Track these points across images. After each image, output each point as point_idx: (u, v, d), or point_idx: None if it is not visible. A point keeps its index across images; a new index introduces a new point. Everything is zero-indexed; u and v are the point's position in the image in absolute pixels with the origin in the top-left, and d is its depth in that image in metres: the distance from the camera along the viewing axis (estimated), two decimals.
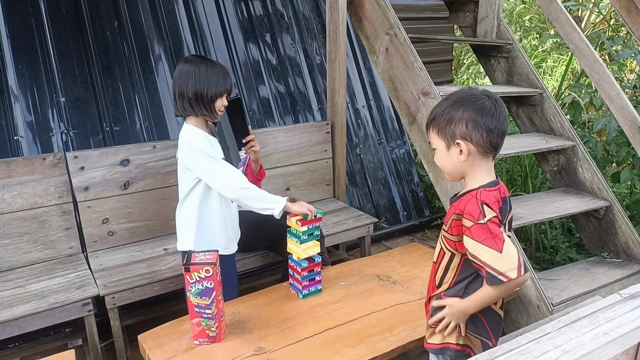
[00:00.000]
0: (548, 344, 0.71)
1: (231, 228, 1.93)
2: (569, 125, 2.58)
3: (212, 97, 1.76)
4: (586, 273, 2.22)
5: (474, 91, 1.25)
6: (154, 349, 1.58)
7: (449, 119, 1.22)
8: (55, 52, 2.65)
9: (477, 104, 1.20)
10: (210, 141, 1.81)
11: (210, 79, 1.75)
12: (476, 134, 1.19)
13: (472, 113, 1.19)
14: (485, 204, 1.17)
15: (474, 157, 1.21)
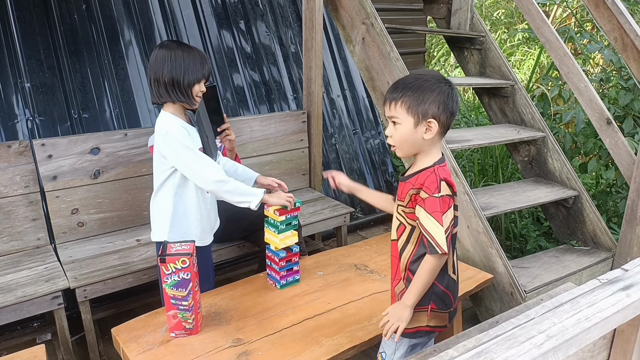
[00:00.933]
0: (533, 329, 0.72)
1: (207, 219, 1.88)
2: (539, 117, 2.65)
3: (189, 82, 1.70)
4: (556, 261, 2.29)
5: (437, 76, 1.33)
6: (129, 342, 1.54)
7: (423, 99, 1.28)
8: (20, 34, 2.53)
9: (445, 88, 1.29)
10: (188, 130, 1.74)
11: (187, 65, 1.69)
12: (444, 115, 1.28)
13: (443, 96, 1.28)
14: (443, 180, 1.28)
15: (434, 137, 1.30)
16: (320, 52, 2.77)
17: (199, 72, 1.72)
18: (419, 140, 1.29)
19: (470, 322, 2.20)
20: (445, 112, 1.28)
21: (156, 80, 1.71)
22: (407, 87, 1.29)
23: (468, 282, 1.93)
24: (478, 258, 2.15)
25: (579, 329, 0.72)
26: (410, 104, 1.27)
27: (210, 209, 1.90)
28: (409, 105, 1.28)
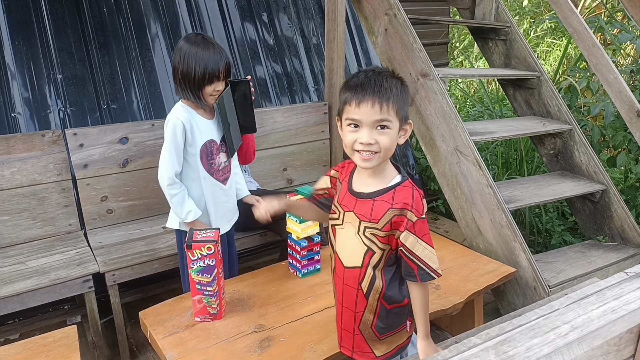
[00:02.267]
0: (557, 320, 0.72)
1: (215, 209, 1.87)
2: (566, 109, 2.60)
3: (199, 81, 1.69)
4: (582, 256, 2.26)
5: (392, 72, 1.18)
6: (156, 326, 1.59)
7: (406, 99, 1.14)
8: (52, 28, 2.60)
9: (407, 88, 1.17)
10: (193, 125, 1.74)
11: (198, 62, 1.67)
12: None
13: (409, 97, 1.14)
14: (423, 197, 1.16)
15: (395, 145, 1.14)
16: (342, 43, 2.77)
17: (210, 72, 1.69)
18: (393, 148, 1.14)
19: (491, 315, 2.20)
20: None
21: (173, 73, 1.74)
22: (390, 85, 1.11)
23: (490, 275, 1.92)
24: (501, 252, 2.14)
25: (604, 320, 0.72)
26: (398, 105, 1.10)
27: (224, 201, 1.90)
28: (397, 106, 1.11)
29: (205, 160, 1.79)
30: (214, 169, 1.82)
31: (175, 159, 1.73)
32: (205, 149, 1.78)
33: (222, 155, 1.86)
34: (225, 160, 1.87)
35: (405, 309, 1.26)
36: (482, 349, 0.68)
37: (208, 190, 1.83)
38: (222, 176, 1.87)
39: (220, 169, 1.85)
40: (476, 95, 5.58)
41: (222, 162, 1.86)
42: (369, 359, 1.29)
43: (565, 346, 0.68)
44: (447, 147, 2.29)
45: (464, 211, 2.31)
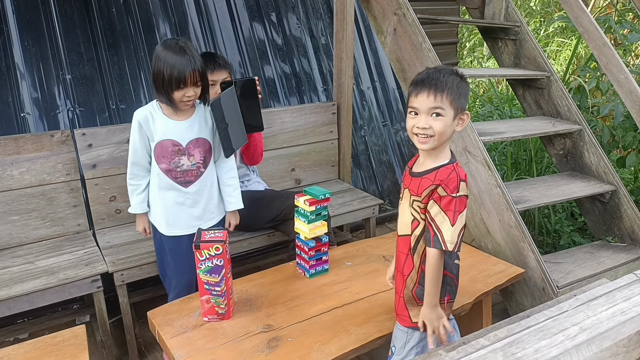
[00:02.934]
0: (566, 322, 0.72)
1: (167, 210, 1.86)
2: (576, 109, 2.58)
3: (167, 85, 1.70)
4: (591, 257, 2.24)
5: (455, 70, 1.36)
6: (164, 325, 1.60)
7: (462, 93, 1.31)
8: (61, 28, 2.62)
9: (467, 84, 1.34)
10: (150, 122, 1.78)
11: (166, 66, 1.68)
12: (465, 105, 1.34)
13: (469, 92, 1.34)
14: (463, 180, 1.30)
15: (451, 132, 1.33)
16: (351, 43, 2.76)
17: (177, 78, 1.68)
18: (450, 134, 1.32)
19: (500, 316, 2.18)
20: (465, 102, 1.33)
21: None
22: (446, 80, 1.30)
23: (499, 276, 1.91)
24: (509, 252, 2.12)
25: (613, 322, 0.71)
26: (453, 96, 1.29)
27: (182, 204, 1.86)
28: (452, 97, 1.29)
29: (160, 157, 1.80)
30: (170, 169, 1.81)
31: (132, 152, 1.82)
32: (161, 147, 1.79)
33: (185, 158, 1.82)
34: (192, 164, 1.83)
35: (442, 281, 1.37)
36: (490, 351, 0.67)
37: (159, 189, 1.84)
38: (181, 178, 1.83)
39: (179, 171, 1.82)
40: (485, 95, 5.55)
41: (184, 164, 1.82)
42: (405, 322, 1.43)
43: (574, 348, 0.67)
44: (456, 148, 2.28)
45: (473, 211, 2.29)
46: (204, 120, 1.86)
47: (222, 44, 3.09)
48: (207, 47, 3.03)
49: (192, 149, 1.82)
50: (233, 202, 1.95)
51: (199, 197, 1.88)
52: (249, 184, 2.36)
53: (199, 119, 1.84)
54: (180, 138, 1.80)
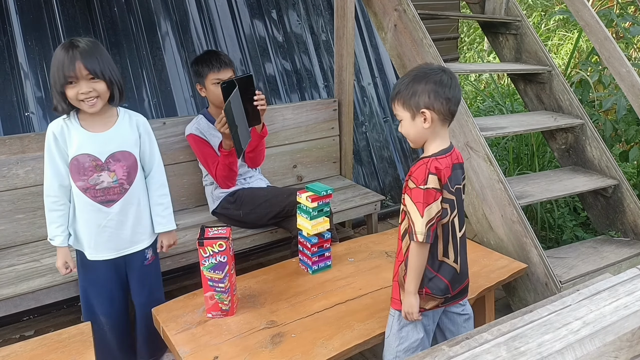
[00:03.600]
0: (569, 316, 0.72)
1: (91, 232, 1.67)
2: (577, 103, 2.57)
3: (59, 84, 1.53)
4: (594, 251, 2.24)
5: (431, 66, 1.42)
6: (168, 322, 1.61)
7: (413, 92, 1.36)
8: (64, 28, 2.63)
9: (436, 77, 1.35)
10: (65, 134, 1.59)
11: (54, 64, 1.53)
12: (437, 103, 1.34)
13: (432, 85, 1.34)
14: (432, 173, 1.34)
15: (435, 124, 1.37)
16: (351, 40, 2.76)
17: (65, 74, 1.52)
18: (422, 131, 1.38)
19: (502, 311, 2.18)
20: (439, 99, 1.34)
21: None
22: (400, 84, 1.39)
23: (501, 271, 1.91)
24: (512, 247, 2.13)
25: (617, 316, 0.71)
26: (403, 99, 1.38)
27: (107, 225, 1.67)
28: (402, 100, 1.38)
29: (77, 175, 1.61)
30: (88, 187, 1.62)
31: (52, 169, 1.61)
32: (77, 163, 1.60)
33: (105, 174, 1.62)
34: (113, 181, 1.64)
35: (423, 274, 1.42)
36: (493, 345, 0.68)
37: (80, 209, 1.65)
38: (102, 197, 1.64)
39: (98, 188, 1.63)
40: (487, 90, 5.53)
41: (104, 181, 1.63)
42: (396, 304, 1.49)
43: (577, 342, 0.68)
44: (458, 143, 2.28)
45: (475, 207, 2.30)
46: (127, 130, 1.66)
47: (223, 42, 3.09)
48: (208, 44, 3.04)
49: (112, 164, 1.63)
50: (163, 222, 1.77)
51: (124, 217, 1.68)
52: (251, 181, 2.37)
53: (121, 129, 1.64)
54: (98, 152, 1.61)
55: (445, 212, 1.38)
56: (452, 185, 1.39)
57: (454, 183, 1.40)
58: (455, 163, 1.41)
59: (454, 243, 1.43)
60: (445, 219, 1.39)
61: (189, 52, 2.95)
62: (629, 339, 0.79)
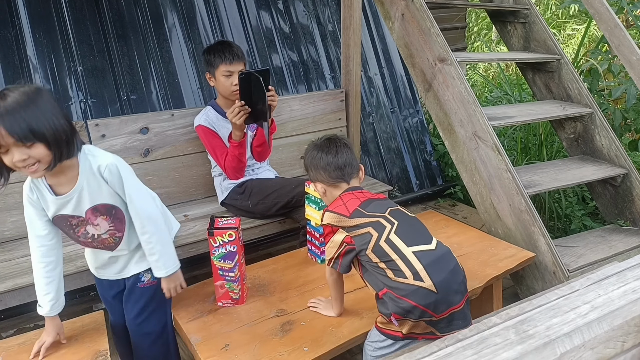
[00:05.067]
0: (577, 300, 0.73)
1: (105, 262, 1.58)
2: (586, 92, 2.56)
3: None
4: (602, 240, 2.24)
5: (316, 143, 1.60)
6: (180, 310, 1.63)
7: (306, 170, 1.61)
8: (72, 20, 2.64)
9: (311, 153, 1.57)
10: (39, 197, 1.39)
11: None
12: (321, 176, 1.55)
13: (307, 160, 1.59)
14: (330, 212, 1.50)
15: (328, 190, 1.56)
16: (358, 30, 2.75)
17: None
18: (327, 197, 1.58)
19: (510, 300, 2.20)
20: (319, 172, 1.55)
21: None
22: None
23: (509, 260, 1.92)
24: (520, 236, 2.13)
25: (624, 300, 0.72)
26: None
27: (112, 262, 1.58)
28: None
29: (67, 230, 1.47)
30: (81, 241, 1.51)
31: (31, 233, 1.43)
32: (59, 222, 1.44)
33: (91, 228, 1.46)
34: (103, 232, 1.47)
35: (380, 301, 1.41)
36: (502, 328, 0.69)
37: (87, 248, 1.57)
38: (100, 245, 1.52)
39: (91, 240, 1.49)
40: (495, 80, 5.49)
41: (92, 234, 1.47)
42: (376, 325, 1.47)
43: (585, 325, 0.68)
44: (466, 133, 2.28)
45: (483, 197, 2.30)
46: (92, 183, 1.41)
47: (230, 33, 3.10)
48: (215, 36, 3.04)
49: (94, 219, 1.45)
50: (158, 266, 1.52)
51: (129, 253, 1.57)
52: (259, 172, 2.38)
53: (86, 185, 1.39)
54: (75, 210, 1.42)
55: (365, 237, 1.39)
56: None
57: (362, 214, 1.44)
58: (366, 200, 1.49)
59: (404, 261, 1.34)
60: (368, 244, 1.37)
61: (196, 44, 2.96)
62: (637, 323, 0.79)
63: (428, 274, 1.31)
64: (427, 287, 1.30)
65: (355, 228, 1.41)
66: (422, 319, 1.31)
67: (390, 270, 1.34)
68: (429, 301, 1.30)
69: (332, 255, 1.46)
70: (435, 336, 1.35)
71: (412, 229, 1.43)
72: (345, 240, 1.42)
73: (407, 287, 1.31)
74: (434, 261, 1.35)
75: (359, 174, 1.59)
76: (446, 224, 2.25)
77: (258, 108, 2.08)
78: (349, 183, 1.54)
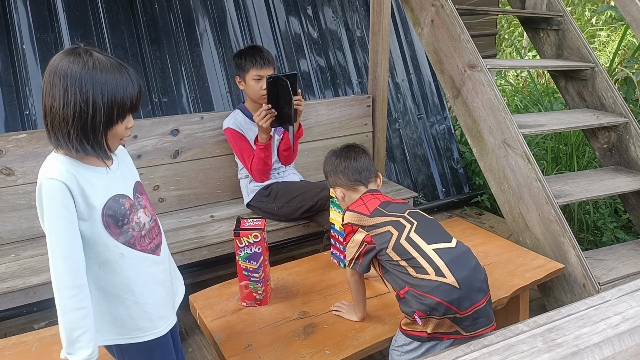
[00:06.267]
0: (608, 311, 0.71)
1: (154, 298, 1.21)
2: (621, 101, 2.49)
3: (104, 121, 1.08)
4: (635, 254, 2.17)
5: (334, 150, 1.68)
6: (205, 309, 1.66)
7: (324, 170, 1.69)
8: (108, 25, 2.74)
9: (331, 160, 1.65)
10: (80, 182, 1.08)
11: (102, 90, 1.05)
12: (339, 180, 1.60)
13: (328, 166, 1.67)
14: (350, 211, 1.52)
15: (346, 193, 1.59)
16: (387, 36, 2.76)
17: (122, 105, 1.09)
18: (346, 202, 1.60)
19: (537, 312, 2.14)
20: (338, 176, 1.60)
21: (46, 112, 1.07)
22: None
23: (537, 271, 1.88)
24: (549, 247, 2.08)
25: None
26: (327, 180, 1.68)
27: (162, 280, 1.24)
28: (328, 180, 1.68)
29: (115, 228, 1.13)
30: (135, 238, 1.16)
31: (70, 247, 1.06)
32: (111, 213, 1.12)
33: (141, 213, 1.19)
34: (150, 218, 1.22)
35: (402, 300, 1.40)
36: (529, 336, 0.68)
37: (134, 275, 1.16)
38: (150, 244, 1.20)
39: (144, 233, 1.19)
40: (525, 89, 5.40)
41: (144, 222, 1.19)
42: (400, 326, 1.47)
43: (615, 337, 0.67)
44: (495, 140, 2.25)
45: (511, 206, 2.26)
46: (124, 152, 1.27)
47: (259, 38, 3.14)
48: (245, 41, 3.09)
49: (140, 198, 1.21)
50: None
51: (168, 260, 1.29)
52: (285, 175, 2.41)
53: (121, 152, 1.24)
54: (126, 189, 1.18)
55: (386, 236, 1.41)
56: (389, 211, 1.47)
57: (383, 213, 1.47)
58: (384, 201, 1.52)
59: (426, 258, 1.35)
60: (389, 243, 1.39)
61: (226, 49, 3.02)
62: None
63: (450, 270, 1.32)
64: (450, 282, 1.31)
65: (375, 227, 1.43)
66: (446, 316, 1.31)
67: (411, 267, 1.35)
68: (453, 297, 1.30)
69: (353, 255, 1.47)
70: (461, 336, 1.34)
71: (432, 228, 1.45)
72: (365, 240, 1.43)
73: (430, 284, 1.31)
74: (455, 258, 1.36)
75: (376, 180, 1.61)
76: (472, 232, 2.22)
77: (284, 112, 2.10)
78: (367, 187, 1.57)
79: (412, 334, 1.39)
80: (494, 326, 1.39)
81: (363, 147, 1.66)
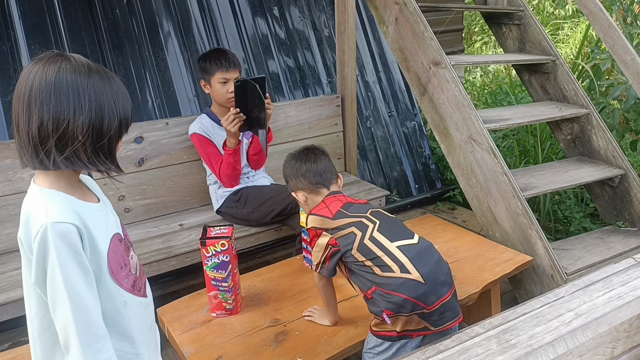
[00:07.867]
0: (561, 308, 0.72)
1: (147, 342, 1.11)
2: (582, 93, 2.54)
3: (111, 139, 0.97)
4: (601, 242, 2.22)
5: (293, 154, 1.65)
6: (173, 322, 1.62)
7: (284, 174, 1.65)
8: (67, 30, 2.65)
9: (290, 163, 1.62)
10: (87, 223, 0.94)
11: (110, 106, 0.96)
12: (301, 183, 1.58)
13: (286, 170, 1.63)
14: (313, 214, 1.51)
15: (309, 196, 1.58)
16: (353, 35, 2.75)
17: (126, 121, 1.02)
18: (309, 205, 1.59)
19: (509, 304, 2.17)
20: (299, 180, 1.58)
21: (34, 130, 0.92)
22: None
23: (506, 264, 1.90)
24: (517, 240, 2.11)
25: (609, 307, 0.71)
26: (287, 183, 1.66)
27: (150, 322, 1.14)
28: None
29: (120, 272, 1.01)
30: (131, 280, 1.05)
31: (90, 297, 0.93)
32: (113, 255, 1.00)
33: (131, 250, 1.11)
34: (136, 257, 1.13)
35: (370, 301, 1.41)
36: (484, 338, 0.68)
37: (134, 324, 1.05)
38: (141, 283, 1.10)
39: (138, 275, 1.10)
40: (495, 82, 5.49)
41: (136, 262, 1.10)
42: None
43: (568, 334, 0.67)
44: (461, 136, 2.27)
45: (480, 200, 2.28)
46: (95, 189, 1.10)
47: (226, 40, 3.10)
48: (211, 43, 3.04)
49: (128, 235, 1.12)
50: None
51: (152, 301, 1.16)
52: (254, 179, 2.38)
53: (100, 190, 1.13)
54: (117, 226, 1.07)
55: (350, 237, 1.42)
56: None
57: (345, 215, 1.47)
58: (346, 203, 1.52)
59: (390, 256, 1.37)
60: (353, 242, 1.40)
61: (192, 52, 2.97)
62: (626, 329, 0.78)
63: (414, 265, 1.35)
64: (415, 278, 1.33)
65: (339, 229, 1.43)
66: (414, 312, 1.33)
67: (377, 267, 1.36)
68: (419, 293, 1.32)
69: (319, 259, 1.47)
70: (430, 331, 1.36)
71: (394, 226, 1.47)
72: (330, 243, 1.43)
73: (395, 281, 1.33)
74: (418, 254, 1.38)
75: (337, 181, 1.62)
76: (443, 229, 2.24)
77: (253, 116, 2.07)
78: (329, 189, 1.57)
79: (382, 334, 1.40)
80: (460, 319, 1.42)
81: (322, 148, 1.66)
